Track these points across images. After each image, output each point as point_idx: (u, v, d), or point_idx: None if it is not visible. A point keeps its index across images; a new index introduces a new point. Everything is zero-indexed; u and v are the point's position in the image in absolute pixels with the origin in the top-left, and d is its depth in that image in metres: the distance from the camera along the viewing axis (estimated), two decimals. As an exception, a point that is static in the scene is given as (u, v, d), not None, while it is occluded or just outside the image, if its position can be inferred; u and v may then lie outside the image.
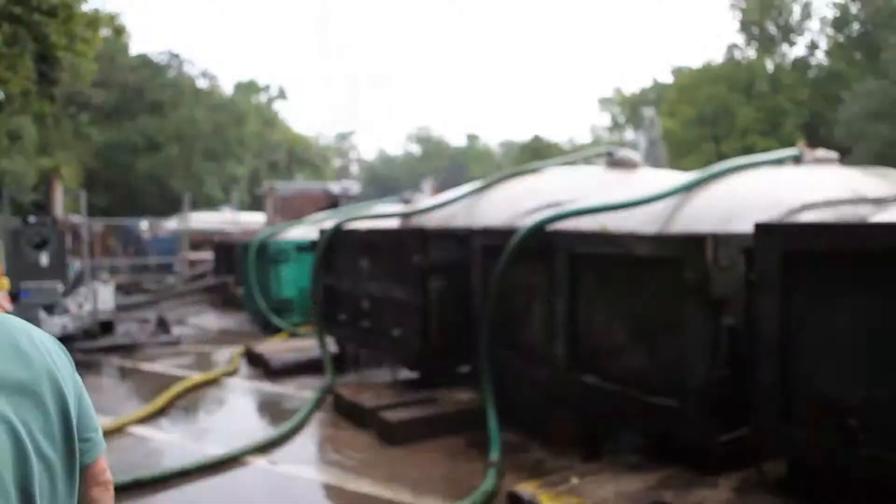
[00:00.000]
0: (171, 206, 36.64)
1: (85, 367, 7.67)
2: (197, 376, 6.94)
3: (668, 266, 3.82)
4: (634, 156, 7.78)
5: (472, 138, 76.53)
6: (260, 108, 46.66)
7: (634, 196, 4.89)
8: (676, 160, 47.55)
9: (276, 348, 7.76)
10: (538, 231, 4.89)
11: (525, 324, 5.14)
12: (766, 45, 47.19)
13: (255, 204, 42.53)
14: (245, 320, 11.10)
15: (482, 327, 5.26)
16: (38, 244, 8.46)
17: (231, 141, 40.57)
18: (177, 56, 39.25)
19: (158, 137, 37.94)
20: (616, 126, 59.82)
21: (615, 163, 7.66)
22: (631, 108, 56.97)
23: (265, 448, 4.90)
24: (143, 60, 36.84)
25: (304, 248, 9.62)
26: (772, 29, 47.71)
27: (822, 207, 4.36)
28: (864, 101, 35.34)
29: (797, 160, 5.55)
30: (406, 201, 11.36)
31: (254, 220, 21.29)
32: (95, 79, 29.62)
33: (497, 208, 6.82)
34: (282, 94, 49.71)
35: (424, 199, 11.84)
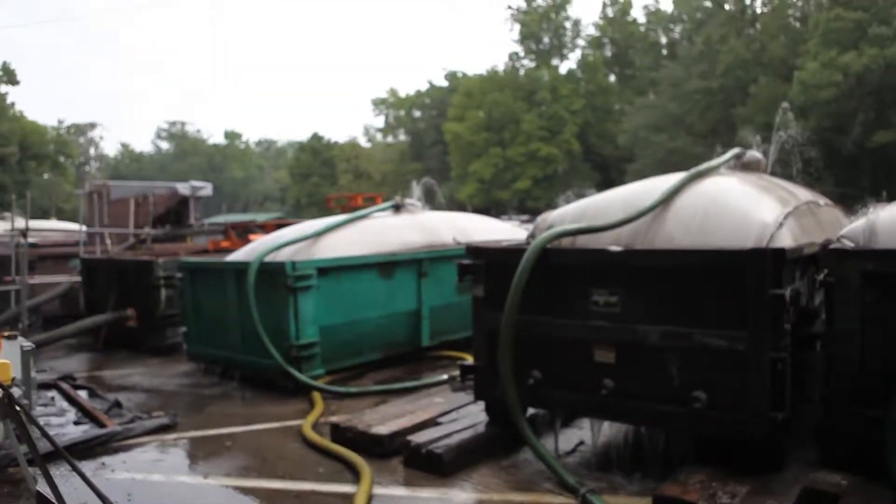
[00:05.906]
0: None
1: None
2: (356, 493, 4.24)
3: None
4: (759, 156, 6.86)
5: (232, 136, 70.50)
6: (-20, 90, 37.87)
7: None
8: (465, 164, 48.55)
9: (395, 422, 5.24)
10: None
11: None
12: (544, 56, 50.30)
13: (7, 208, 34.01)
14: (195, 373, 7.90)
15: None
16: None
17: (-50, 128, 32.17)
18: None
19: None
20: (390, 127, 59.43)
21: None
22: (407, 110, 56.91)
23: None
24: None
25: (326, 270, 7.00)
26: (547, 42, 50.94)
27: None
28: (645, 114, 39.30)
29: None
30: (397, 207, 9.12)
31: (58, 227, 16.53)
32: None
33: (701, 224, 5.17)
34: (10, 77, 40.60)
35: (417, 203, 9.70)
